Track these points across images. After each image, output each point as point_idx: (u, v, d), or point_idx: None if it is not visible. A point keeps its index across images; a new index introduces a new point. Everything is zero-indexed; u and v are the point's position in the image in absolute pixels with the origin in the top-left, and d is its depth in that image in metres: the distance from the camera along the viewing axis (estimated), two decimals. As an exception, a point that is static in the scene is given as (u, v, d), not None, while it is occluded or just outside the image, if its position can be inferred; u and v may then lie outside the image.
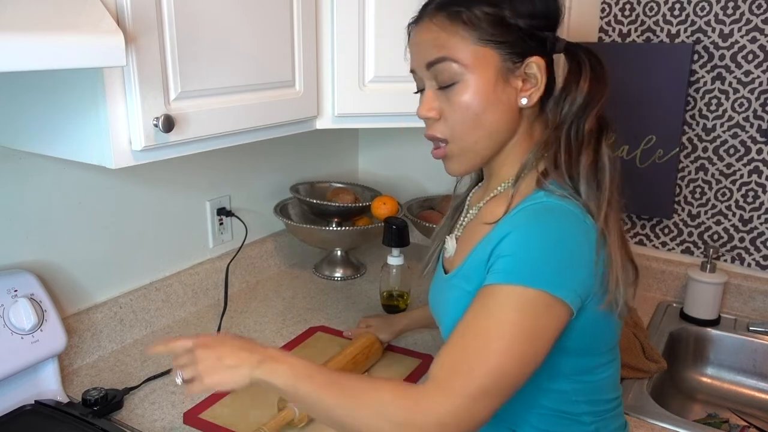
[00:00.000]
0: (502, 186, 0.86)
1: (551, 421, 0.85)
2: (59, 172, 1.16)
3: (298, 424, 1.01)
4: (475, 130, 0.81)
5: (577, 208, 0.76)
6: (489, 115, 0.80)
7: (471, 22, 0.78)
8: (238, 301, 1.51)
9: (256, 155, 1.60)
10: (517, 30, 0.78)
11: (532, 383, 0.78)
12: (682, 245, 1.61)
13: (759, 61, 1.42)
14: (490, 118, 0.80)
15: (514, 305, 0.71)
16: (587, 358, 0.83)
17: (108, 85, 0.84)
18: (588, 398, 0.85)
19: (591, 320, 0.78)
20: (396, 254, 1.42)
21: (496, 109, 0.80)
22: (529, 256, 0.73)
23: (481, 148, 0.83)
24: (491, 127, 0.81)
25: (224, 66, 1.00)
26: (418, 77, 0.85)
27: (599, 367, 0.85)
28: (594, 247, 0.75)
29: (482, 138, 0.82)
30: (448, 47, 0.79)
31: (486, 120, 0.81)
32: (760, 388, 1.46)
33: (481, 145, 0.83)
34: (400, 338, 1.31)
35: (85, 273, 1.23)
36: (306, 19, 1.14)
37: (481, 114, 0.80)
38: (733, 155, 1.50)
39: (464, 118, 0.81)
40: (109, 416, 1.05)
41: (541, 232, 0.74)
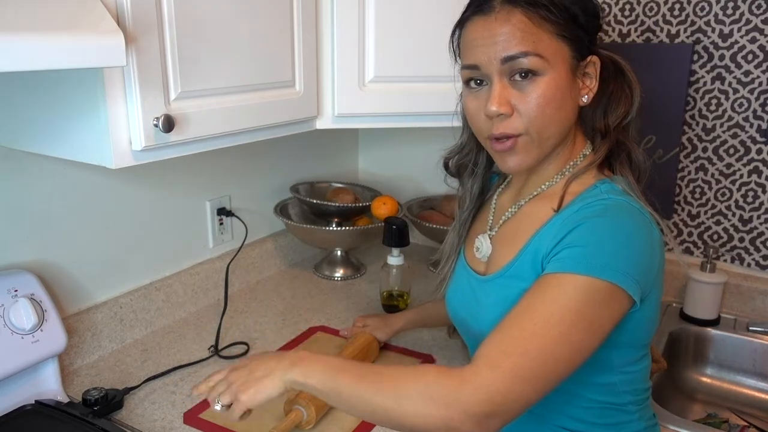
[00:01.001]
0: (547, 185, 0.87)
1: (599, 413, 0.86)
2: (59, 172, 1.15)
3: (306, 427, 1.01)
4: (551, 125, 0.80)
5: (638, 204, 0.79)
6: (563, 112, 0.81)
7: (552, 16, 0.78)
8: (238, 301, 1.51)
9: (256, 155, 1.60)
10: (583, 28, 0.81)
11: (581, 380, 0.79)
12: (682, 245, 1.61)
13: (759, 61, 1.42)
14: (563, 114, 0.81)
15: (580, 294, 0.72)
16: (634, 350, 0.85)
17: (108, 85, 0.84)
18: (632, 387, 0.86)
19: (646, 314, 0.80)
20: (396, 254, 1.42)
21: (567, 105, 0.81)
22: (600, 248, 0.74)
23: (550, 144, 0.83)
24: (564, 123, 0.82)
25: (224, 66, 1.00)
26: (481, 71, 0.81)
27: (642, 357, 0.86)
28: (657, 245, 0.78)
29: (555, 133, 0.82)
30: (532, 41, 0.77)
31: (561, 115, 0.81)
32: (759, 388, 1.46)
33: (550, 141, 0.82)
34: (400, 338, 1.31)
35: (85, 273, 1.23)
36: (306, 19, 1.14)
37: (559, 109, 0.80)
38: (733, 155, 1.50)
39: (543, 113, 0.79)
40: (110, 416, 1.05)
41: (613, 225, 0.76)
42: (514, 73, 0.78)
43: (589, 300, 0.72)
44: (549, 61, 0.78)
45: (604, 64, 0.85)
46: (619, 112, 0.85)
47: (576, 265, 0.73)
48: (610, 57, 0.86)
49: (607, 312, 0.73)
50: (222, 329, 1.35)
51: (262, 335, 1.34)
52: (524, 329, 0.71)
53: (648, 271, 0.77)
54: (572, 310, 0.71)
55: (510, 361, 0.69)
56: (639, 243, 0.76)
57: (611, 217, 0.76)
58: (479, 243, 0.93)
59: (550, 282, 0.74)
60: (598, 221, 0.76)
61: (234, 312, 1.45)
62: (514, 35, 0.77)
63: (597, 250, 0.73)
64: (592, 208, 0.78)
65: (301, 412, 0.99)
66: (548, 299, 0.72)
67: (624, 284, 0.73)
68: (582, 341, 0.72)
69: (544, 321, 0.71)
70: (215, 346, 1.28)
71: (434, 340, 1.31)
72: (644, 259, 0.76)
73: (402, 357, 1.24)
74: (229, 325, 1.38)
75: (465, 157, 0.98)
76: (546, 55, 0.78)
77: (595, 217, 0.77)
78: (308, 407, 0.99)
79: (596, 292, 0.72)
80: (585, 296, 0.72)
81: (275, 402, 1.08)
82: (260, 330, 1.37)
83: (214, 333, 1.33)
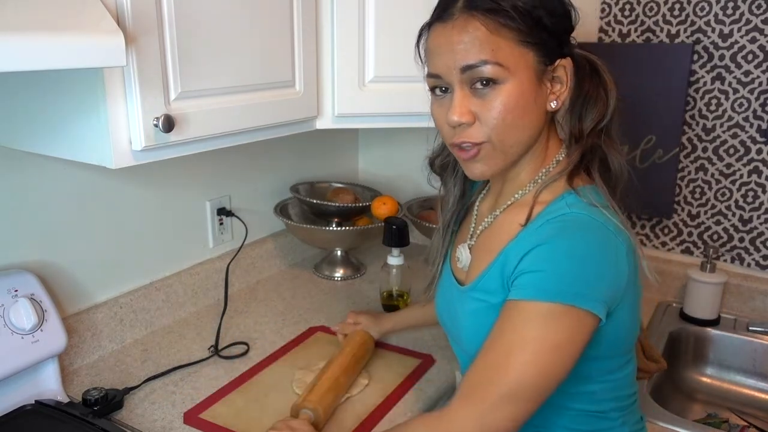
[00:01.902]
0: (520, 193, 0.85)
1: (581, 420, 0.86)
2: (59, 172, 1.15)
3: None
4: (514, 133, 0.79)
5: (601, 217, 0.77)
6: (527, 119, 0.79)
7: (511, 23, 0.75)
8: (238, 301, 1.51)
9: (256, 155, 1.60)
10: (549, 31, 0.78)
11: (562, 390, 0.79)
12: (682, 245, 1.61)
13: (759, 61, 1.42)
14: (527, 121, 0.79)
15: (541, 321, 0.72)
16: (614, 359, 0.84)
17: (108, 86, 0.84)
18: (614, 395, 0.86)
19: (619, 324, 0.79)
20: (396, 254, 1.42)
21: (532, 111, 0.79)
22: (557, 272, 0.73)
23: (515, 151, 0.81)
24: (529, 130, 0.80)
25: (224, 66, 1.00)
26: (443, 80, 0.80)
27: (623, 365, 0.86)
28: (623, 257, 0.76)
29: (519, 141, 0.80)
30: (491, 49, 0.75)
31: (524, 123, 0.79)
32: (759, 388, 1.46)
33: (515, 149, 0.81)
34: (401, 338, 1.31)
35: (85, 273, 1.23)
36: (306, 19, 1.14)
37: (521, 117, 0.78)
38: (733, 155, 1.50)
39: (504, 122, 0.77)
40: (110, 416, 1.05)
41: (567, 247, 0.74)
42: (474, 81, 0.77)
43: (552, 325, 0.72)
44: (510, 69, 0.76)
45: (579, 65, 0.82)
46: (593, 116, 0.81)
47: (534, 292, 0.73)
48: (585, 57, 0.83)
49: (571, 333, 0.73)
50: (222, 329, 1.35)
51: (262, 335, 1.34)
52: (489, 361, 0.75)
53: (612, 284, 0.75)
54: (534, 338, 0.72)
55: (478, 392, 0.73)
56: (598, 259, 0.74)
57: (568, 237, 0.75)
58: (459, 253, 0.93)
59: (511, 310, 0.75)
60: (555, 243, 0.75)
61: (234, 312, 1.45)
62: (473, 44, 0.76)
63: (553, 274, 0.73)
64: (551, 225, 0.77)
65: (308, 416, 0.99)
66: (510, 328, 0.74)
67: (584, 305, 0.72)
68: (550, 365, 0.72)
69: (507, 351, 0.73)
70: (215, 346, 1.28)
71: (434, 340, 1.31)
72: (605, 275, 0.74)
73: (402, 357, 1.24)
74: (229, 325, 1.38)
75: (447, 157, 0.97)
76: (506, 63, 0.76)
77: (552, 237, 0.75)
78: (316, 410, 0.99)
79: (557, 316, 0.72)
80: (546, 322, 0.72)
81: (275, 405, 1.08)
82: (260, 330, 1.37)
83: (214, 333, 1.33)
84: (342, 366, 1.11)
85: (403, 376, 1.18)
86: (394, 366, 1.21)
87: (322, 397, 1.01)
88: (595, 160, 0.82)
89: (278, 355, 1.25)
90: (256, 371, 1.19)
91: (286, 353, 1.26)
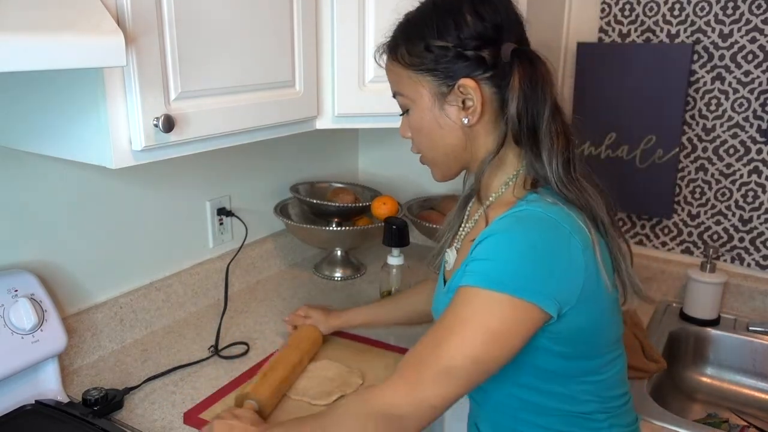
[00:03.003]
0: (493, 196, 0.87)
1: (565, 421, 0.86)
2: (59, 172, 1.15)
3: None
4: (432, 149, 0.89)
5: (557, 214, 0.77)
6: (437, 137, 0.86)
7: (403, 56, 0.85)
8: (238, 301, 1.51)
9: (256, 155, 1.60)
10: (445, 56, 0.82)
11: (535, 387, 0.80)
12: (682, 245, 1.61)
13: (759, 61, 1.42)
14: (439, 139, 0.86)
15: (480, 307, 0.74)
16: (592, 360, 0.84)
17: (108, 86, 0.84)
18: (597, 396, 0.86)
19: (586, 324, 0.79)
20: (396, 254, 1.42)
21: (441, 130, 0.85)
22: (501, 261, 0.75)
23: (444, 162, 0.89)
24: (444, 146, 0.87)
25: (224, 66, 1.00)
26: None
27: (605, 365, 0.85)
28: (579, 253, 0.76)
29: (440, 156, 0.89)
30: (395, 83, 0.89)
31: (437, 141, 0.87)
32: (759, 388, 1.47)
33: (442, 160, 0.89)
34: (401, 338, 1.31)
35: (85, 273, 1.23)
36: (306, 19, 1.14)
37: (431, 136, 0.87)
38: (733, 155, 1.50)
39: (420, 140, 0.89)
40: (110, 416, 1.05)
41: (515, 238, 0.76)
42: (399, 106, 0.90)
43: (490, 313, 0.74)
44: (410, 98, 0.86)
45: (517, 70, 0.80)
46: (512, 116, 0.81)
47: (478, 279, 0.75)
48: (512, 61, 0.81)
49: (510, 325, 0.74)
50: (222, 329, 1.35)
51: (262, 335, 1.34)
52: (428, 340, 0.77)
53: (564, 281, 0.75)
54: (472, 323, 0.74)
55: (413, 370, 0.76)
56: (547, 254, 0.75)
57: (517, 229, 0.76)
58: (447, 256, 0.95)
59: (458, 295, 0.77)
60: (505, 234, 0.76)
61: (234, 312, 1.45)
62: (389, 78, 0.90)
63: (499, 264, 0.75)
64: (507, 218, 0.79)
65: (252, 404, 1.01)
66: (452, 311, 0.76)
67: (529, 298, 0.73)
68: (483, 352, 0.73)
69: (444, 333, 0.75)
70: (215, 346, 1.28)
71: (434, 340, 1.31)
72: (555, 270, 0.74)
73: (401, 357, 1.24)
74: (229, 325, 1.38)
75: None
76: (406, 93, 0.87)
77: (504, 229, 0.77)
78: (259, 399, 1.02)
79: (497, 304, 0.73)
80: (485, 309, 0.74)
81: (275, 402, 1.08)
82: (260, 330, 1.37)
83: (214, 333, 1.33)
84: (287, 359, 1.14)
85: (402, 375, 1.17)
86: (392, 366, 1.20)
87: (265, 387, 1.04)
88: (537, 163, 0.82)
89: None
90: (256, 371, 1.19)
91: (286, 353, 1.26)
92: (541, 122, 0.80)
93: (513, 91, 0.80)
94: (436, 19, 0.82)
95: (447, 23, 0.81)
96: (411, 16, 0.87)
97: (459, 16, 0.81)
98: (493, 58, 0.81)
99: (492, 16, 0.81)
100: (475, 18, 0.81)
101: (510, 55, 0.81)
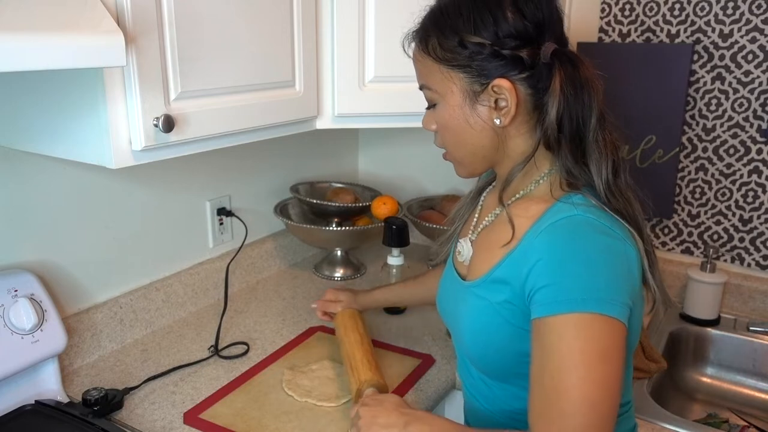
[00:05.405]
0: (521, 193, 0.84)
1: None
2: (59, 172, 1.15)
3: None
4: (459, 146, 0.85)
5: (608, 220, 0.75)
6: (466, 135, 0.82)
7: (434, 49, 0.80)
8: (238, 301, 1.51)
9: (256, 155, 1.60)
10: (480, 53, 0.77)
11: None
12: (682, 245, 1.61)
13: (759, 61, 1.42)
14: (468, 137, 0.82)
15: (574, 333, 0.69)
16: None
17: (108, 86, 0.84)
18: None
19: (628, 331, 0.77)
20: (396, 254, 1.42)
21: (471, 129, 0.81)
22: (571, 281, 0.71)
23: (471, 161, 0.86)
24: (472, 145, 0.83)
25: (224, 66, 1.00)
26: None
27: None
28: (635, 260, 0.74)
29: (468, 154, 0.85)
30: (423, 75, 0.84)
31: (465, 139, 0.83)
32: (759, 388, 1.47)
33: (469, 159, 0.86)
34: (401, 339, 1.31)
35: (85, 273, 1.23)
36: (306, 19, 1.14)
37: (459, 134, 0.83)
38: (733, 155, 1.50)
39: (446, 136, 0.85)
40: (109, 416, 1.05)
41: (575, 253, 0.72)
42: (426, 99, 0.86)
43: (587, 335, 0.69)
44: (439, 93, 0.82)
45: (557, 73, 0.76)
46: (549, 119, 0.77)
47: (556, 307, 0.70)
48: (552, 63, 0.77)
49: (609, 339, 0.70)
50: (222, 329, 1.35)
51: (262, 335, 1.34)
52: (547, 389, 0.71)
53: (629, 288, 0.73)
54: (578, 351, 0.69)
55: (554, 427, 0.69)
56: (612, 263, 0.72)
57: (570, 243, 0.73)
58: (461, 247, 0.92)
59: (543, 331, 0.72)
60: (559, 252, 0.72)
61: (234, 312, 1.45)
62: (416, 68, 0.86)
63: (566, 284, 0.71)
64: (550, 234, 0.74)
65: (373, 390, 1.02)
66: (549, 350, 0.71)
67: (608, 311, 0.70)
68: (605, 374, 0.69)
69: (558, 373, 0.69)
70: (215, 346, 1.28)
71: (434, 340, 1.31)
72: (620, 279, 0.72)
73: (402, 357, 1.24)
74: (229, 325, 1.38)
75: None
76: (435, 87, 0.82)
77: (556, 248, 0.73)
78: (377, 382, 1.03)
79: (588, 324, 0.69)
80: (579, 333, 0.69)
81: (275, 405, 1.08)
82: (260, 330, 1.37)
83: (214, 333, 1.33)
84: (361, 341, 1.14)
85: (403, 376, 1.18)
86: (395, 366, 1.21)
87: (370, 372, 1.04)
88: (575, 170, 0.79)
89: (278, 355, 1.25)
90: (256, 371, 1.19)
91: (286, 353, 1.26)
92: (588, 131, 0.76)
93: (553, 95, 0.76)
94: (473, 11, 0.77)
95: (485, 18, 0.76)
96: (444, 4, 0.81)
97: (498, 10, 0.76)
98: (531, 59, 0.76)
99: (534, 14, 0.76)
100: (516, 14, 0.76)
101: (550, 56, 0.76)
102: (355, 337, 1.15)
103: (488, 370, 0.87)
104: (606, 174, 0.77)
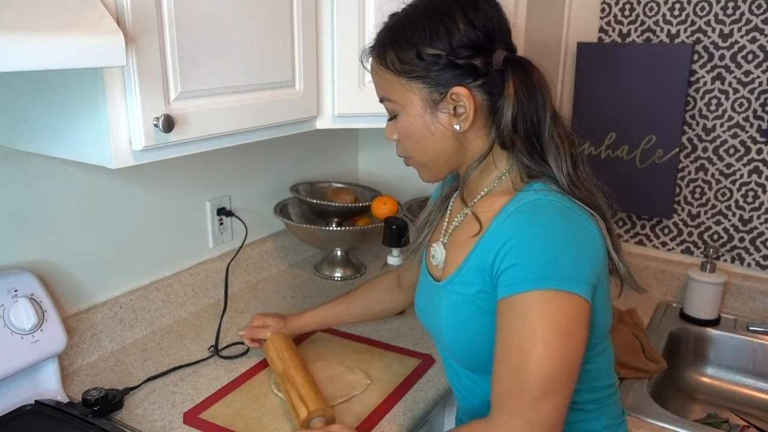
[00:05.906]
0: (485, 191, 0.87)
1: None
2: (59, 172, 1.15)
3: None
4: (421, 153, 0.88)
5: (569, 202, 0.79)
6: (429, 142, 0.86)
7: (392, 62, 0.83)
8: (238, 301, 1.51)
9: (256, 155, 1.60)
10: (437, 63, 0.81)
11: None
12: (682, 245, 1.61)
13: (759, 61, 1.42)
14: (430, 144, 0.86)
15: (537, 309, 0.73)
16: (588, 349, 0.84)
17: (108, 85, 0.84)
18: (588, 386, 0.86)
19: (595, 311, 0.79)
20: (396, 254, 1.42)
21: (433, 136, 0.85)
22: (535, 260, 0.74)
23: (434, 165, 0.89)
24: (435, 151, 0.86)
25: (224, 66, 1.00)
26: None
27: (596, 355, 0.86)
28: (598, 239, 0.78)
29: (430, 159, 0.88)
30: (383, 88, 0.87)
31: (428, 146, 0.86)
32: (759, 388, 1.47)
33: (433, 164, 0.89)
34: (401, 339, 1.31)
35: (85, 273, 1.23)
36: (306, 18, 1.14)
37: (422, 141, 0.86)
38: (733, 155, 1.50)
39: (409, 144, 0.88)
40: (109, 416, 1.05)
41: (542, 233, 0.76)
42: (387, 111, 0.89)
43: (549, 311, 0.73)
44: (400, 104, 0.85)
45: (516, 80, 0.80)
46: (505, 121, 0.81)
47: (521, 285, 0.74)
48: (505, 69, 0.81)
49: (572, 315, 0.73)
50: (222, 329, 1.35)
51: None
52: (510, 365, 0.75)
53: (593, 267, 0.76)
54: (540, 327, 0.73)
55: (514, 399, 0.74)
56: (576, 242, 0.76)
57: (542, 222, 0.76)
58: (434, 251, 0.95)
59: (507, 309, 0.76)
60: (525, 232, 0.76)
61: (234, 312, 1.45)
62: (375, 82, 0.89)
63: (531, 263, 0.74)
64: (523, 212, 0.78)
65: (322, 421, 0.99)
66: (512, 327, 0.75)
67: (572, 288, 0.73)
68: (565, 351, 0.73)
69: (521, 349, 0.73)
70: (215, 346, 1.28)
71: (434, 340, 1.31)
72: (585, 257, 0.76)
73: (402, 357, 1.24)
74: (229, 325, 1.38)
75: None
76: (396, 99, 0.85)
77: (522, 229, 0.76)
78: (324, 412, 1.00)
79: (551, 301, 0.73)
80: (542, 309, 0.73)
81: (275, 405, 1.08)
82: (260, 330, 1.37)
83: (214, 333, 1.33)
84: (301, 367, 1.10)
85: (402, 376, 1.18)
86: (394, 366, 1.21)
87: (315, 400, 1.01)
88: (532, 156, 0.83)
89: (278, 355, 1.25)
90: (256, 371, 1.19)
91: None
92: (544, 128, 0.81)
93: (508, 98, 0.80)
94: (428, 24, 0.81)
95: (439, 30, 0.80)
96: (399, 19, 0.86)
97: (451, 22, 0.80)
98: (485, 66, 0.81)
99: (483, 24, 0.81)
100: (467, 25, 0.80)
101: (502, 62, 0.81)
102: (294, 363, 1.11)
103: (472, 365, 0.89)
104: (566, 167, 0.81)
